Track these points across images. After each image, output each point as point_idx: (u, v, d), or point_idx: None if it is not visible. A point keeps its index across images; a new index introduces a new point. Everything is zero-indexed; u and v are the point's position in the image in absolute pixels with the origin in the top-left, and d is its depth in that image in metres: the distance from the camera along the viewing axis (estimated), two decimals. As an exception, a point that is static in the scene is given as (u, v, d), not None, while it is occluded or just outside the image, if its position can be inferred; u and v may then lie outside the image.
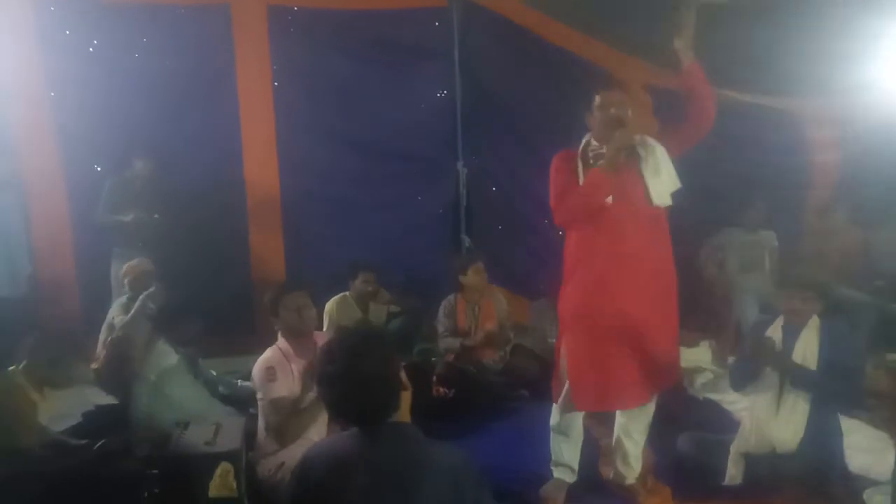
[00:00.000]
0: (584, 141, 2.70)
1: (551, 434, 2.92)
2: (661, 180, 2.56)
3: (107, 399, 3.57)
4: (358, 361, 1.58)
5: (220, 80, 4.64)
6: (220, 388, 3.50)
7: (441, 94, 5.12)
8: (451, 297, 4.26)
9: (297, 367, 2.66)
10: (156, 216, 4.32)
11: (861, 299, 4.29)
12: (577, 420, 2.85)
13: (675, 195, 2.63)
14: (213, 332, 3.60)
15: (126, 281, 4.00)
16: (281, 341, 2.73)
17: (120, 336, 3.76)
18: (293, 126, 4.81)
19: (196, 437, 2.38)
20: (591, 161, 2.60)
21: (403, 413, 1.68)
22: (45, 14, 4.27)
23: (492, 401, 3.87)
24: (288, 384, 2.62)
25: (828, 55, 4.04)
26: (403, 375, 1.69)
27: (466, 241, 5.08)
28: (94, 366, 3.77)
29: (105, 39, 4.40)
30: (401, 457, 1.57)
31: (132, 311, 3.82)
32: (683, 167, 5.15)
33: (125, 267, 4.03)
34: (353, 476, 1.54)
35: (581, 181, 2.60)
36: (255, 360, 2.81)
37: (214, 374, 3.63)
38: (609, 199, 2.55)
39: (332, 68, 4.89)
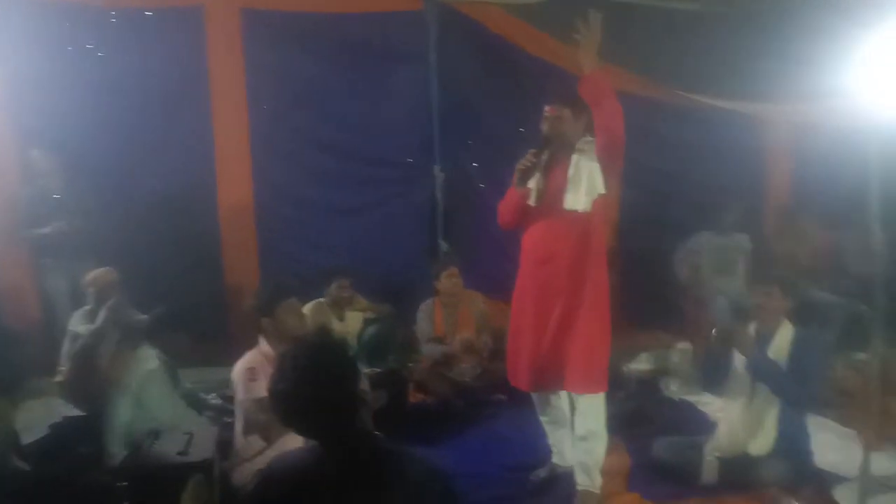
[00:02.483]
0: None
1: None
2: (579, 187, 2.68)
3: (76, 410, 3.48)
4: (309, 378, 1.54)
5: (192, 82, 4.56)
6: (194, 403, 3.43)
7: (417, 99, 5.09)
8: (428, 302, 4.24)
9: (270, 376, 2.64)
10: (78, 223, 4.17)
11: (830, 300, 4.37)
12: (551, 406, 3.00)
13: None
14: (190, 340, 3.56)
15: (91, 291, 3.90)
16: (263, 344, 2.71)
17: (86, 346, 3.66)
18: (267, 130, 4.75)
19: (168, 447, 2.34)
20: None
21: (367, 423, 1.65)
22: (7, 13, 4.17)
23: (469, 406, 3.87)
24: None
25: (798, 61, 4.10)
26: (365, 387, 1.65)
27: (444, 245, 5.07)
28: (58, 378, 3.68)
29: (75, 41, 4.30)
30: (363, 469, 1.54)
31: (99, 322, 3.73)
32: (657, 172, 5.25)
33: (89, 277, 3.91)
34: (315, 491, 1.51)
35: None
36: (228, 371, 2.79)
37: (189, 386, 3.56)
38: (532, 203, 2.76)
39: (308, 71, 4.85)
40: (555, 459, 3.08)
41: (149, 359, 2.92)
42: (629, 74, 4.63)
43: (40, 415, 3.19)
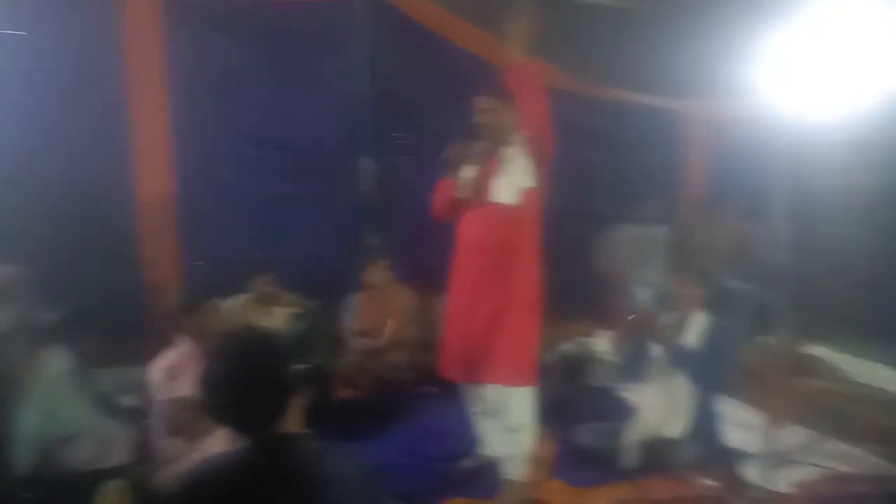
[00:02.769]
0: None
1: None
2: (506, 180, 2.73)
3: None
4: (240, 372, 1.54)
5: (106, 71, 4.33)
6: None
7: (345, 89, 5.02)
8: (357, 296, 4.20)
9: (197, 369, 2.57)
10: None
11: (739, 288, 4.60)
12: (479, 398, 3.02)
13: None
14: (102, 340, 3.39)
15: None
16: (185, 342, 2.62)
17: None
18: (190, 118, 4.56)
19: (81, 454, 2.23)
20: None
21: (296, 421, 1.63)
22: None
23: (398, 399, 3.87)
24: (189, 383, 2.54)
25: (713, 59, 4.29)
26: (295, 381, 1.64)
27: (373, 238, 5.04)
28: None
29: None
30: (293, 472, 1.52)
31: (2, 324, 3.50)
32: (577, 164, 5.40)
33: None
34: (244, 495, 1.49)
35: None
36: (146, 371, 2.69)
37: (105, 388, 3.39)
38: (463, 195, 2.79)
39: (233, 59, 4.69)
40: (482, 450, 3.12)
41: (57, 362, 2.77)
42: (551, 69, 4.71)
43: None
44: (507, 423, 2.81)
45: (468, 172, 2.80)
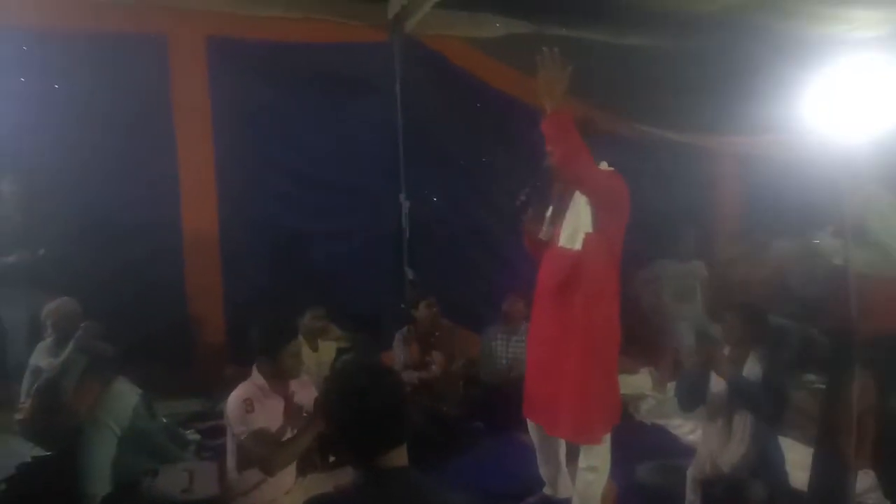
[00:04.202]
0: None
1: None
2: (569, 224, 2.69)
3: (37, 450, 3.28)
4: (363, 401, 1.56)
5: (156, 112, 4.48)
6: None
7: (383, 128, 5.12)
8: (404, 331, 4.23)
9: (272, 403, 2.60)
10: (41, 252, 4.03)
11: (784, 324, 4.59)
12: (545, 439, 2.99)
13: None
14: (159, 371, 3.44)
15: (49, 323, 3.73)
16: (257, 377, 2.63)
17: (50, 381, 3.47)
18: (234, 158, 4.69)
19: (170, 485, 2.25)
20: None
21: (402, 454, 1.65)
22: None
23: (447, 434, 3.85)
24: (266, 416, 2.54)
25: (743, 97, 4.36)
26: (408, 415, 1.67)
27: (410, 273, 5.08)
28: (18, 416, 3.46)
29: (34, 71, 4.14)
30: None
31: (64, 355, 3.54)
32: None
33: (46, 309, 3.75)
34: None
35: None
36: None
37: (164, 420, 3.41)
38: (544, 238, 2.79)
39: (274, 101, 4.83)
40: (546, 490, 3.09)
41: (129, 393, 2.80)
42: (586, 107, 4.79)
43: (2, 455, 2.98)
44: (581, 463, 2.80)
45: (549, 215, 2.81)
